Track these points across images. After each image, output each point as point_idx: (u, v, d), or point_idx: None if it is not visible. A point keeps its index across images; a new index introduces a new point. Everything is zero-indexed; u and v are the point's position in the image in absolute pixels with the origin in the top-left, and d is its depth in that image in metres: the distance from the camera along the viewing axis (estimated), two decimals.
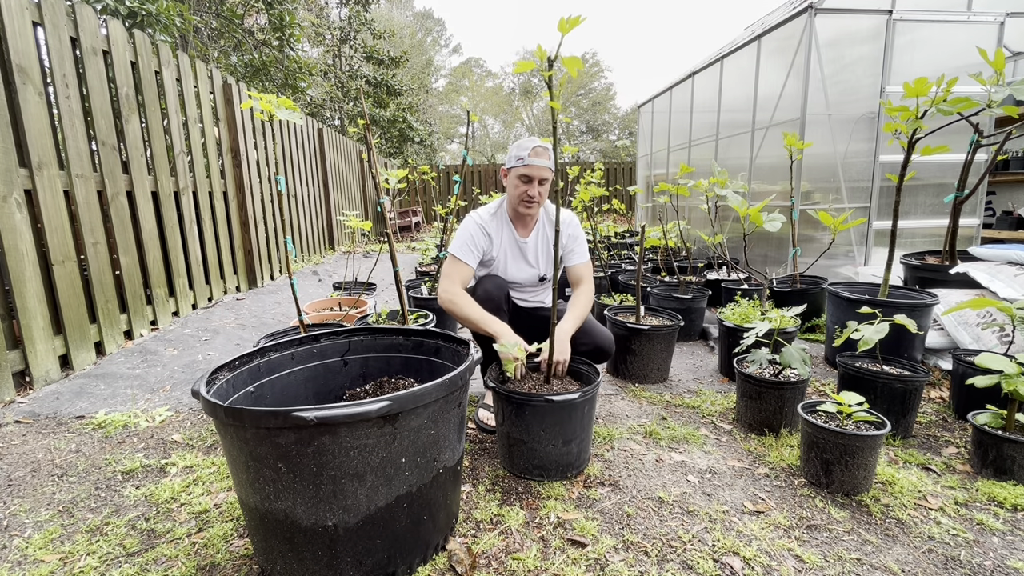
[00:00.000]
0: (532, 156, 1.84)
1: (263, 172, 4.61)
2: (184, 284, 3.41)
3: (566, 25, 1.26)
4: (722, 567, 1.24)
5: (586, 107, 26.54)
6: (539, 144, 1.86)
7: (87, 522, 1.43)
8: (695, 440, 1.88)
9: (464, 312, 1.81)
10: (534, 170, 1.85)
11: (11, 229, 2.18)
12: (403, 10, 25.86)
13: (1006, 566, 1.25)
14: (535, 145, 1.86)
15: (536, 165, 1.85)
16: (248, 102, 1.60)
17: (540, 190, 1.89)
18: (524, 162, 1.84)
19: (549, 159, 1.86)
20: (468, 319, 1.81)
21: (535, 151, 1.85)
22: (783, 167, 3.71)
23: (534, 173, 1.86)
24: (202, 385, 1.16)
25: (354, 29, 11.54)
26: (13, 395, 2.20)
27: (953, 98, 2.08)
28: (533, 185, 1.88)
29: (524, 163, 1.84)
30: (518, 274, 2.06)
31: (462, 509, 1.46)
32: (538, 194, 1.89)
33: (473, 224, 1.98)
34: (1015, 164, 4.65)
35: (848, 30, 3.55)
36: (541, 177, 1.87)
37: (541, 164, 1.85)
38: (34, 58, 2.31)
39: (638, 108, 7.41)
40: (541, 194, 1.91)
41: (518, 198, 1.91)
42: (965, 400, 1.98)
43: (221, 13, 7.09)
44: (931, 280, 2.78)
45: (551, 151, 1.83)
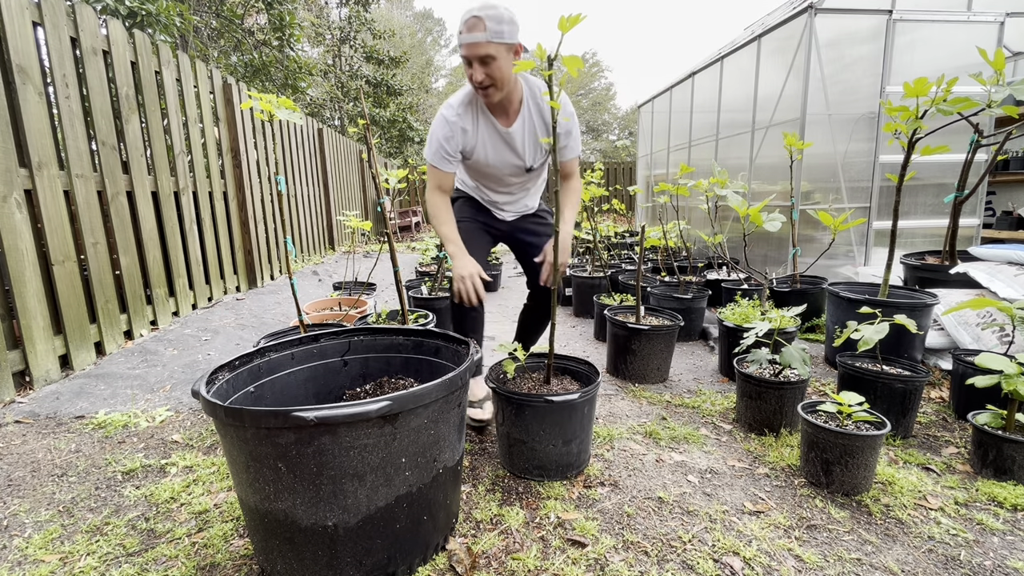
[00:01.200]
0: (463, 32, 1.52)
1: (263, 172, 4.61)
2: (184, 284, 3.41)
3: (566, 24, 1.26)
4: (722, 567, 1.24)
5: (586, 107, 26.53)
6: (472, 15, 1.50)
7: (87, 522, 1.43)
8: (695, 440, 1.88)
9: (437, 229, 1.81)
10: (467, 49, 1.53)
11: (11, 229, 2.18)
12: (403, 10, 25.86)
13: (1006, 566, 1.25)
14: (468, 16, 1.51)
15: (468, 43, 1.52)
16: (248, 102, 1.60)
17: (486, 71, 1.57)
18: (459, 39, 1.54)
19: (485, 29, 1.49)
20: (439, 235, 1.81)
21: (467, 23, 1.52)
22: (783, 167, 3.71)
23: (468, 53, 1.54)
24: (202, 385, 1.16)
25: (354, 29, 11.54)
26: (13, 395, 2.20)
27: (953, 98, 2.08)
28: (474, 68, 1.56)
29: (459, 42, 1.55)
30: (501, 167, 1.86)
31: (462, 509, 1.46)
32: (485, 76, 1.57)
33: (443, 123, 1.75)
34: (1015, 164, 4.65)
35: (848, 30, 3.55)
36: (478, 56, 1.54)
37: (473, 40, 1.50)
38: (34, 58, 2.31)
39: (638, 108, 7.41)
40: (490, 75, 1.58)
41: (469, 80, 1.63)
42: (965, 400, 1.98)
43: (221, 13, 7.09)
44: (931, 280, 2.78)
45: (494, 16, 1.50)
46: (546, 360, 1.76)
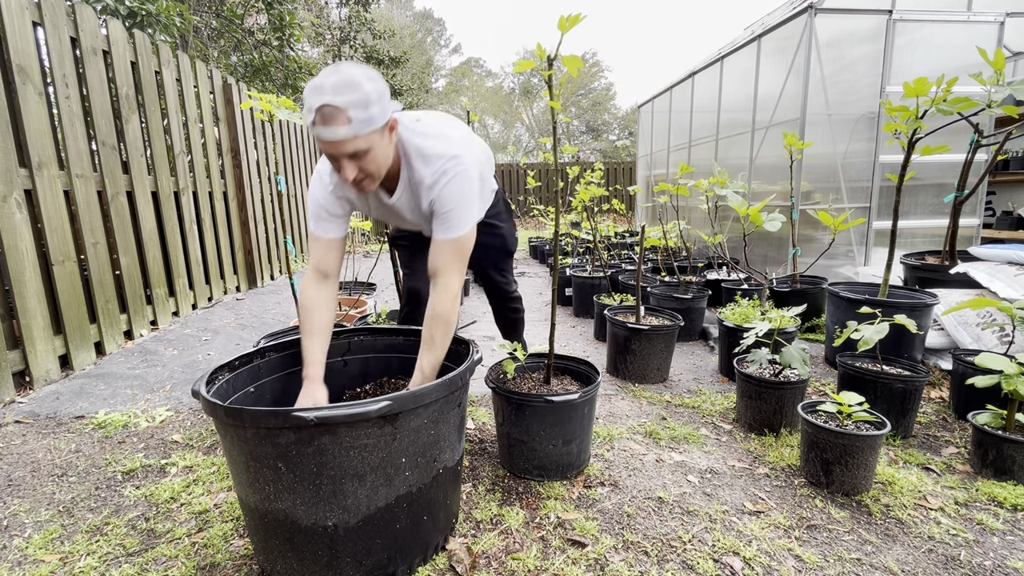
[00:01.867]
0: (318, 124, 1.16)
1: (263, 172, 4.61)
2: (184, 284, 3.41)
3: (566, 24, 1.26)
4: (722, 567, 1.24)
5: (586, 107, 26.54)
6: (327, 103, 1.14)
7: (87, 522, 1.43)
8: (695, 440, 1.88)
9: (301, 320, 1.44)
10: (328, 146, 1.20)
11: (11, 229, 2.18)
12: (403, 10, 25.87)
13: (1006, 566, 1.25)
14: (322, 105, 1.14)
15: (329, 140, 1.18)
16: (248, 102, 1.60)
17: (359, 166, 1.24)
18: (315, 132, 1.19)
19: (349, 122, 1.15)
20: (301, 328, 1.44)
21: (321, 114, 1.15)
22: (783, 167, 3.71)
23: (330, 150, 1.20)
24: (202, 385, 1.16)
25: (354, 29, 11.54)
26: (13, 395, 2.20)
27: (953, 98, 2.08)
28: (343, 165, 1.22)
29: (313, 131, 1.19)
30: (406, 227, 1.69)
31: (462, 509, 1.46)
32: (359, 172, 1.25)
33: (320, 188, 1.42)
34: (1015, 164, 4.65)
35: (848, 30, 3.55)
36: (344, 153, 1.20)
37: (335, 137, 1.17)
38: (34, 58, 2.31)
39: (638, 108, 7.41)
40: (364, 170, 1.25)
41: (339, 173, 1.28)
42: (965, 400, 1.98)
43: (221, 13, 7.09)
44: (931, 280, 2.78)
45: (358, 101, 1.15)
46: (546, 360, 1.76)
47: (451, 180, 1.33)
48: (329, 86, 1.14)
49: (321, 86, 1.15)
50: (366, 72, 1.19)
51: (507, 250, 1.95)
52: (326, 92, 1.14)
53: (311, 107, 1.17)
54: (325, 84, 1.15)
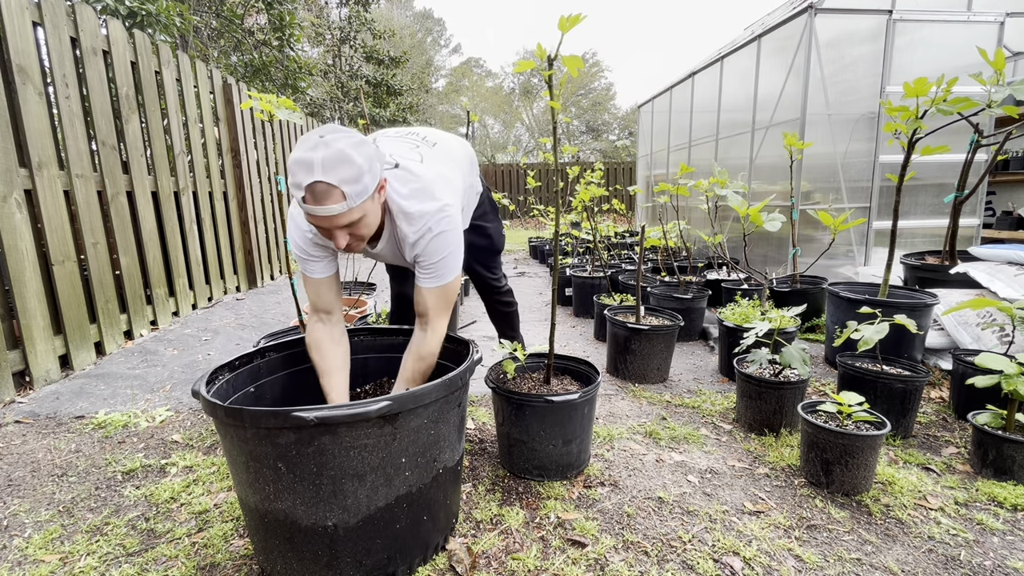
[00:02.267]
0: (309, 202, 1.11)
1: (263, 172, 4.61)
2: (184, 284, 3.41)
3: (566, 24, 1.26)
4: (722, 567, 1.24)
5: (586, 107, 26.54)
6: (319, 181, 1.08)
7: (87, 522, 1.43)
8: (695, 440, 1.88)
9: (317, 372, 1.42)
10: (321, 220, 1.14)
11: (11, 229, 2.18)
12: (403, 10, 25.87)
13: (1006, 566, 1.25)
14: (313, 182, 1.09)
15: (323, 216, 1.13)
16: (248, 102, 1.60)
17: (352, 232, 1.21)
18: (304, 208, 1.13)
19: (344, 198, 1.11)
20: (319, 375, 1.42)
21: (312, 191, 1.10)
22: (783, 167, 3.71)
23: (324, 224, 1.16)
24: (202, 385, 1.16)
25: (354, 29, 11.54)
26: (13, 395, 2.20)
27: (953, 98, 2.07)
28: (335, 235, 1.19)
29: (304, 209, 1.13)
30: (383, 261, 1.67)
31: (462, 509, 1.46)
32: (352, 239, 1.23)
33: (297, 234, 1.37)
34: (1015, 164, 4.65)
35: (848, 30, 3.55)
36: (338, 226, 1.17)
37: (329, 213, 1.12)
38: (34, 58, 2.31)
39: (638, 108, 7.41)
40: (357, 235, 1.22)
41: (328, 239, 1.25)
42: (965, 400, 1.98)
43: (221, 13, 7.09)
44: (931, 280, 2.78)
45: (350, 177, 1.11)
46: (546, 360, 1.76)
47: (436, 236, 1.30)
48: (319, 162, 1.07)
49: (309, 162, 1.07)
50: (352, 139, 1.12)
51: (494, 249, 1.97)
52: (316, 169, 1.08)
53: (299, 183, 1.10)
54: (314, 160, 1.07)
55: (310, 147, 1.09)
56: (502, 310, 2.15)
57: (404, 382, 1.40)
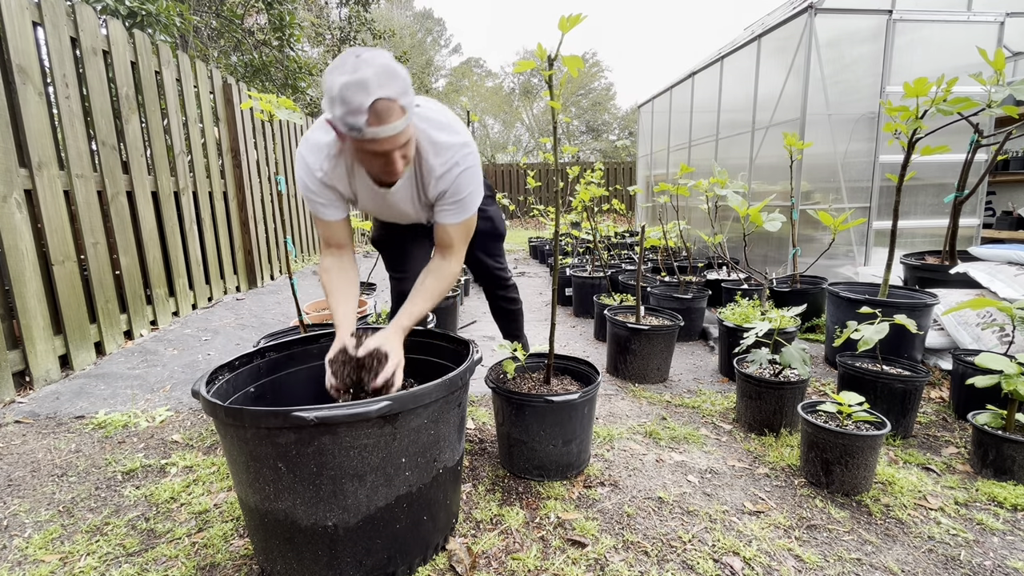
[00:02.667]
0: (373, 123, 1.08)
1: (263, 172, 4.61)
2: (184, 284, 3.41)
3: (566, 24, 1.26)
4: (722, 567, 1.24)
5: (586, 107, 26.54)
6: (380, 97, 1.06)
7: (87, 522, 1.43)
8: (695, 440, 1.88)
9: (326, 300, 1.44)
10: (384, 143, 1.13)
11: (11, 229, 2.18)
12: (403, 10, 25.86)
13: (1006, 566, 1.25)
14: (374, 101, 1.06)
15: (387, 137, 1.12)
16: (248, 102, 1.60)
17: (400, 153, 1.19)
18: (363, 135, 1.10)
19: (402, 113, 1.11)
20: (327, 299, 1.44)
21: (374, 112, 1.07)
22: (783, 167, 3.71)
23: (385, 147, 1.14)
24: (202, 385, 1.16)
25: (354, 29, 11.54)
26: (13, 395, 2.20)
27: (953, 98, 2.08)
28: (390, 159, 1.18)
29: (363, 135, 1.10)
30: (395, 219, 1.60)
31: (462, 509, 1.46)
32: (400, 160, 1.20)
33: (308, 176, 1.35)
34: (1015, 164, 4.65)
35: (848, 30, 3.55)
36: (398, 146, 1.16)
37: (393, 132, 1.11)
38: (34, 58, 2.31)
39: (638, 108, 7.41)
40: (406, 156, 1.22)
41: (375, 171, 1.24)
42: (965, 400, 1.98)
43: (221, 13, 7.09)
44: (931, 280, 2.78)
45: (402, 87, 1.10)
46: (546, 360, 1.76)
47: (463, 171, 1.35)
48: (373, 79, 1.04)
49: (364, 81, 1.04)
50: (386, 53, 1.10)
51: (497, 233, 1.92)
52: (372, 87, 1.04)
53: (360, 107, 1.05)
54: (368, 79, 1.04)
55: (353, 68, 1.05)
56: (507, 307, 2.07)
57: (421, 298, 1.38)
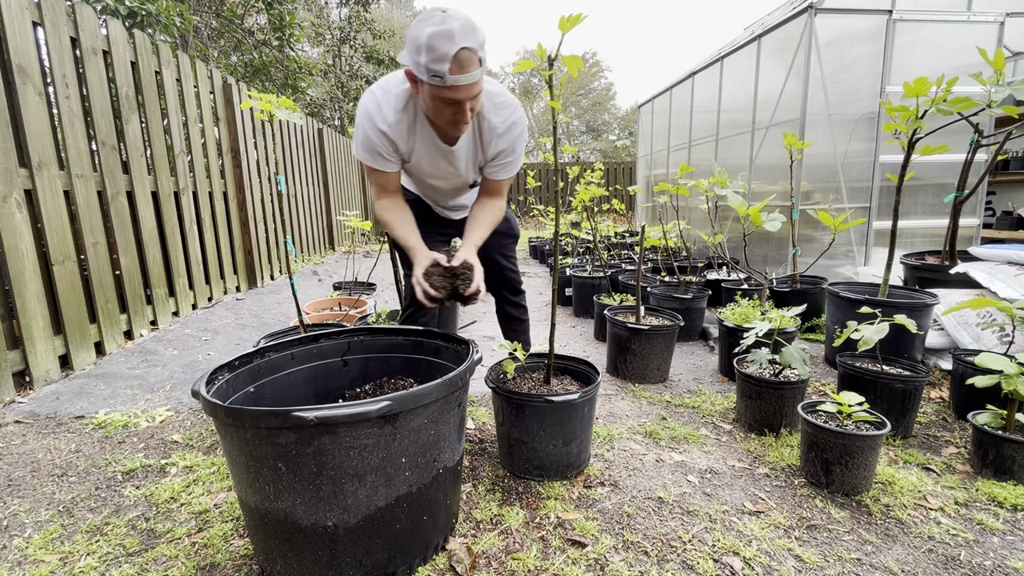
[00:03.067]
0: (455, 71, 1.21)
1: (263, 172, 4.61)
2: (184, 284, 3.41)
3: (567, 24, 1.26)
4: (722, 567, 1.24)
5: (586, 107, 26.53)
6: (463, 47, 1.19)
7: (87, 522, 1.43)
8: (695, 440, 1.88)
9: (393, 234, 1.58)
10: (462, 91, 1.25)
11: (11, 229, 2.18)
12: (403, 10, 25.87)
13: (1006, 566, 1.25)
14: (458, 50, 1.18)
15: (464, 85, 1.24)
16: (248, 102, 1.60)
17: (471, 104, 1.32)
18: (444, 81, 1.22)
19: (479, 65, 1.24)
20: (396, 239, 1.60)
21: (457, 60, 1.19)
22: (783, 167, 3.71)
23: (462, 95, 1.26)
24: (202, 385, 1.16)
25: (354, 29, 11.54)
26: (13, 395, 2.20)
27: (953, 98, 2.08)
28: (463, 109, 1.31)
29: (444, 82, 1.22)
30: (441, 179, 1.67)
31: (462, 509, 1.46)
32: (469, 111, 1.33)
33: (371, 126, 1.44)
34: (1015, 164, 4.65)
35: (848, 30, 3.55)
36: (473, 95, 1.29)
37: (472, 80, 1.24)
38: (34, 58, 2.31)
39: (638, 108, 7.41)
40: (474, 109, 1.34)
41: (444, 121, 1.36)
42: (965, 400, 1.98)
43: (221, 13, 7.09)
44: (931, 280, 2.78)
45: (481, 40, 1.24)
46: (546, 360, 1.76)
47: (522, 129, 1.51)
48: (458, 30, 1.18)
49: (450, 32, 1.17)
50: (467, 12, 1.24)
51: (513, 233, 1.94)
52: (457, 37, 1.17)
53: (445, 54, 1.18)
54: (454, 29, 1.17)
55: (440, 21, 1.18)
56: (515, 314, 2.02)
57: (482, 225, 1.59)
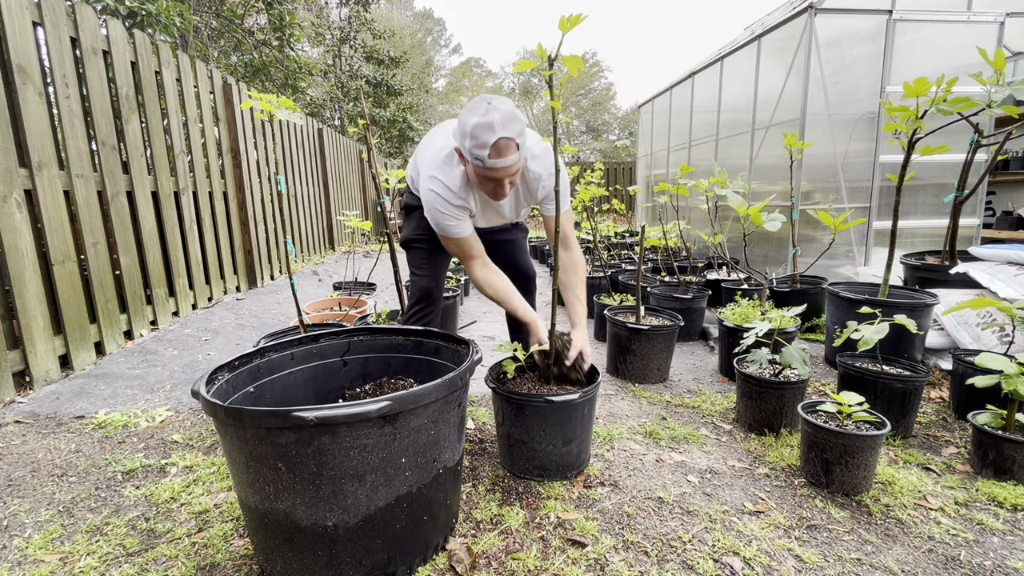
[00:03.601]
0: (494, 156, 1.41)
1: (263, 172, 4.61)
2: (184, 284, 3.40)
3: (567, 24, 1.26)
4: (722, 567, 1.24)
5: (586, 107, 26.53)
6: (501, 137, 1.38)
7: (87, 522, 1.43)
8: (695, 440, 1.88)
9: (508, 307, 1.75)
10: (500, 172, 1.46)
11: (11, 229, 2.18)
12: (403, 10, 25.87)
13: (1006, 566, 1.25)
14: (497, 139, 1.38)
15: (502, 167, 1.44)
16: (248, 102, 1.60)
17: (510, 180, 1.53)
18: (485, 164, 1.43)
19: (517, 149, 1.44)
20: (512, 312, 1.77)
21: (496, 148, 1.40)
22: (783, 167, 3.71)
23: (501, 175, 1.47)
24: (202, 385, 1.16)
25: (354, 29, 11.54)
26: (13, 395, 2.20)
27: (953, 98, 2.08)
28: (502, 183, 1.51)
29: (484, 164, 1.43)
30: (488, 224, 1.90)
31: (462, 509, 1.46)
32: (509, 185, 1.54)
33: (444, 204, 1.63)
34: (1015, 164, 4.65)
35: (848, 30, 3.55)
36: (511, 174, 1.49)
37: (508, 164, 1.44)
38: (34, 58, 2.31)
39: (638, 108, 7.41)
40: (513, 183, 1.56)
41: (487, 191, 1.57)
42: (965, 400, 1.98)
43: (221, 13, 7.09)
44: (931, 280, 2.78)
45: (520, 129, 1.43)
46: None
47: (562, 168, 1.61)
48: (499, 122, 1.37)
49: (491, 123, 1.37)
50: (510, 103, 1.43)
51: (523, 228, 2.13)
52: (497, 128, 1.37)
53: (485, 143, 1.38)
54: (495, 121, 1.37)
55: (484, 112, 1.39)
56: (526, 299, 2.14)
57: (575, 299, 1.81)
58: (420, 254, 1.94)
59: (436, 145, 1.71)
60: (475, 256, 1.74)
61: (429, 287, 1.95)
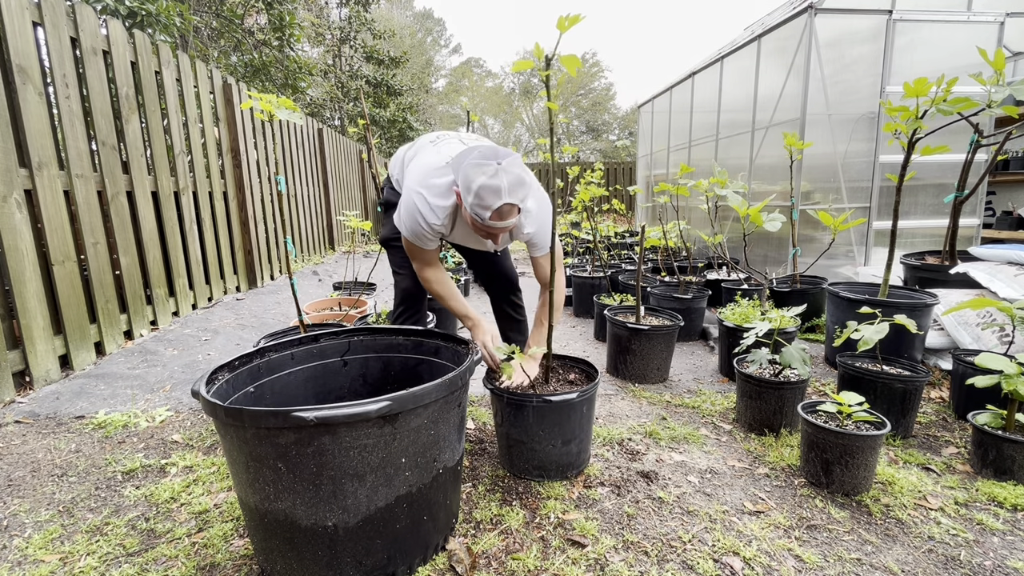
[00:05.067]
0: (495, 219, 1.42)
1: (263, 172, 4.61)
2: (184, 284, 3.40)
3: (565, 23, 1.26)
4: (722, 567, 1.24)
5: (586, 107, 26.53)
6: (506, 203, 1.38)
7: (87, 522, 1.43)
8: (695, 440, 1.88)
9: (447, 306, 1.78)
10: (497, 229, 1.47)
11: (11, 229, 2.18)
12: (403, 10, 25.86)
13: (1006, 566, 1.25)
14: (501, 205, 1.38)
15: (502, 226, 1.46)
16: (248, 102, 1.60)
17: (504, 235, 1.61)
18: (484, 222, 1.42)
19: (518, 212, 1.46)
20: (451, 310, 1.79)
21: (499, 212, 1.40)
22: (783, 167, 3.71)
23: (497, 232, 1.49)
24: (202, 385, 1.16)
25: (354, 29, 11.54)
26: (13, 395, 2.20)
27: (953, 98, 2.07)
28: (496, 237, 1.53)
29: (483, 222, 1.43)
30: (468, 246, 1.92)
31: (462, 509, 1.46)
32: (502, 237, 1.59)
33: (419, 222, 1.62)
34: (1015, 164, 4.65)
35: (848, 30, 3.55)
36: (507, 229, 1.50)
37: (508, 224, 1.46)
38: (34, 58, 2.31)
39: (638, 108, 7.41)
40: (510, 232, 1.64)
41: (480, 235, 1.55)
42: (965, 400, 1.98)
43: (221, 13, 7.09)
44: (931, 280, 2.78)
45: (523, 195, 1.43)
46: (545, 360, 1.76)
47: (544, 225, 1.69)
48: (506, 187, 1.37)
49: (498, 188, 1.36)
50: (519, 163, 1.41)
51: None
52: (504, 193, 1.37)
53: (489, 206, 1.38)
54: (502, 186, 1.36)
55: (492, 174, 1.36)
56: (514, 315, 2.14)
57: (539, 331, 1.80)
58: (401, 253, 1.91)
59: (429, 162, 1.67)
60: (430, 264, 1.77)
61: (410, 288, 1.95)
